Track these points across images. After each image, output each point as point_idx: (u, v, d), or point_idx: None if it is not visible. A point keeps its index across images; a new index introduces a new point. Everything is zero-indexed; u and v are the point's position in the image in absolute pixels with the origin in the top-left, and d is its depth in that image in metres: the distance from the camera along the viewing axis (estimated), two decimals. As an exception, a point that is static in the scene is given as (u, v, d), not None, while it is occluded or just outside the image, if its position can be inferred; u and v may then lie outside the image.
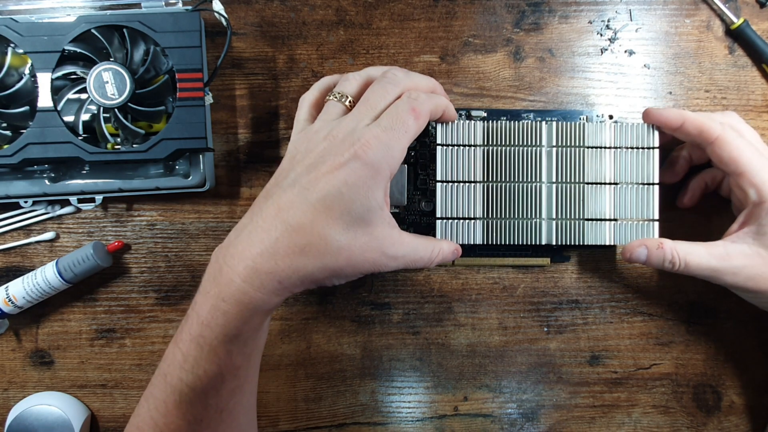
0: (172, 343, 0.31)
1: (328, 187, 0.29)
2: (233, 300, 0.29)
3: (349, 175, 0.29)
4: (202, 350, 0.30)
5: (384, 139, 0.30)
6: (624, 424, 0.42)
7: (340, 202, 0.29)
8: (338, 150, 0.30)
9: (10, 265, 0.42)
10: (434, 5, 0.41)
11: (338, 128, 0.31)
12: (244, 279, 0.29)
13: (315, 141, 0.31)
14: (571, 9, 0.41)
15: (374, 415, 0.42)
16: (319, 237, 0.29)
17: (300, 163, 0.31)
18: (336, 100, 0.33)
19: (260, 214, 0.30)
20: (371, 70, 0.35)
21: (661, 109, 0.36)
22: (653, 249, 0.35)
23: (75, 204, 0.40)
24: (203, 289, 0.31)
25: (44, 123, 0.37)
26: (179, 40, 0.37)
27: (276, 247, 0.29)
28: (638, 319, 0.41)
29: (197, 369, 0.30)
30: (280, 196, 0.30)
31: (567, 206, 0.38)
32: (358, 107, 0.32)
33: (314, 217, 0.29)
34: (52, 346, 0.42)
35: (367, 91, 0.33)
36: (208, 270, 0.31)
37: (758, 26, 0.40)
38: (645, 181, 0.37)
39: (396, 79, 0.33)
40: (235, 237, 0.31)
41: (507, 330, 0.42)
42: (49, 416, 0.40)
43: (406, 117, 0.31)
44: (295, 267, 0.29)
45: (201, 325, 0.30)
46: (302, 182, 0.30)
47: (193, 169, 0.40)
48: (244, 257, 0.29)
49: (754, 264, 0.34)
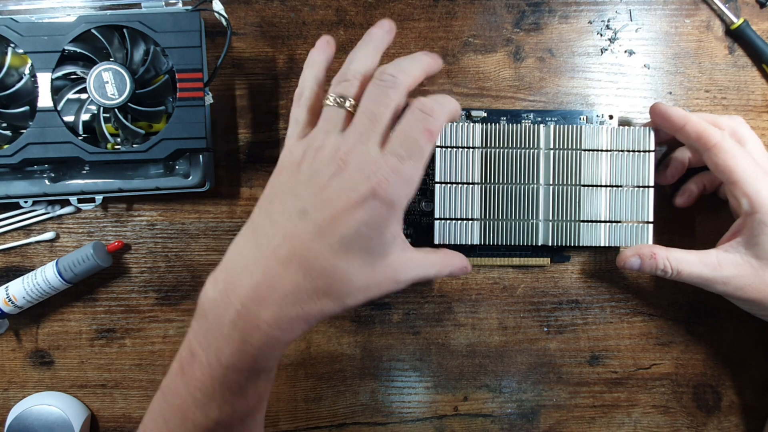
0: (177, 378, 0.30)
1: (346, 229, 0.28)
2: (260, 343, 0.28)
3: (367, 215, 0.28)
4: (229, 390, 0.29)
5: (401, 171, 0.28)
6: (624, 424, 0.42)
7: (359, 242, 0.28)
8: (353, 183, 0.28)
9: (10, 265, 0.42)
10: (434, 5, 0.41)
11: (346, 150, 0.29)
12: (271, 325, 0.28)
13: (320, 160, 0.29)
14: (571, 9, 0.41)
15: (374, 415, 0.42)
16: (340, 280, 0.28)
17: (306, 186, 0.29)
18: (337, 105, 0.31)
19: (272, 252, 0.28)
20: (362, 61, 0.32)
21: (669, 107, 0.36)
22: (646, 258, 0.36)
23: (75, 204, 0.40)
24: (216, 329, 0.29)
25: (44, 123, 0.37)
26: (179, 40, 0.37)
27: (299, 293, 0.28)
28: (638, 319, 0.41)
29: (225, 407, 0.29)
30: (291, 230, 0.28)
31: (563, 208, 0.38)
32: (360, 119, 0.30)
33: (334, 261, 0.28)
34: (52, 346, 0.42)
35: (366, 100, 0.30)
36: (215, 305, 0.29)
37: (758, 26, 0.40)
38: (640, 183, 0.38)
39: (394, 81, 0.30)
40: (244, 272, 0.29)
41: (507, 330, 0.42)
42: (49, 416, 0.40)
43: (422, 141, 0.29)
44: (319, 309, 0.29)
45: (224, 367, 0.28)
46: (316, 219, 0.28)
47: (193, 169, 0.40)
48: (267, 303, 0.28)
49: (744, 274, 0.34)
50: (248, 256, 0.29)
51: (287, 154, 0.31)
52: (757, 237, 0.34)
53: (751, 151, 0.35)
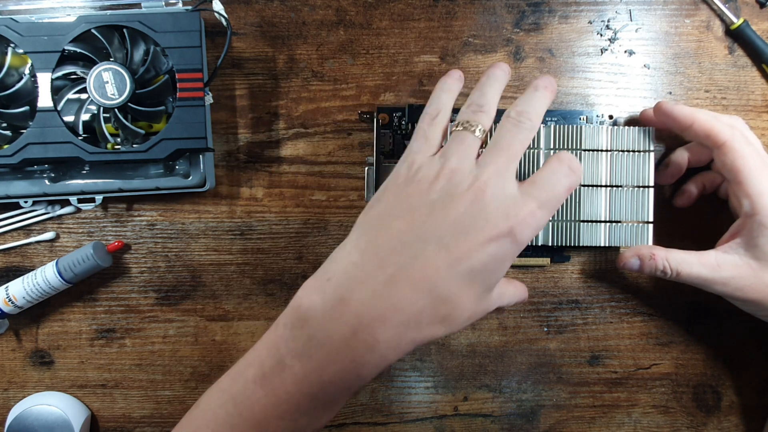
0: (257, 386, 0.28)
1: (476, 261, 0.28)
2: (371, 364, 0.27)
3: (498, 252, 0.28)
4: (323, 405, 0.28)
5: (539, 217, 0.29)
6: (624, 424, 0.42)
7: (483, 276, 0.28)
8: (492, 219, 0.28)
9: (10, 265, 0.42)
10: (434, 5, 0.41)
11: (485, 180, 0.29)
12: (387, 346, 0.27)
13: (456, 184, 0.29)
14: (571, 9, 0.41)
15: (374, 415, 0.42)
16: (460, 310, 0.28)
17: (440, 208, 0.29)
18: (472, 132, 0.31)
19: (401, 272, 0.28)
20: (494, 96, 0.32)
21: (674, 106, 0.36)
22: (645, 259, 0.36)
23: (75, 204, 0.40)
24: (322, 343, 0.27)
25: (44, 123, 0.37)
26: (179, 40, 0.37)
27: (420, 318, 0.28)
28: (638, 319, 0.41)
29: (313, 421, 0.28)
30: (423, 253, 0.28)
31: (563, 208, 0.38)
32: (498, 153, 0.30)
33: (459, 291, 0.28)
34: (52, 346, 0.42)
35: (504, 137, 0.30)
36: (322, 317, 0.28)
37: (758, 26, 0.40)
38: (640, 183, 0.38)
39: (531, 125, 0.31)
40: (363, 288, 0.28)
41: (507, 330, 0.42)
42: (49, 416, 0.40)
43: (562, 196, 0.30)
44: (431, 334, 0.28)
45: (324, 383, 0.27)
46: (450, 246, 0.28)
47: (193, 169, 0.40)
48: (388, 325, 0.27)
49: (743, 275, 0.34)
50: (368, 271, 0.28)
51: (412, 167, 0.31)
52: (757, 239, 0.34)
53: (758, 150, 0.35)
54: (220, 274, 0.42)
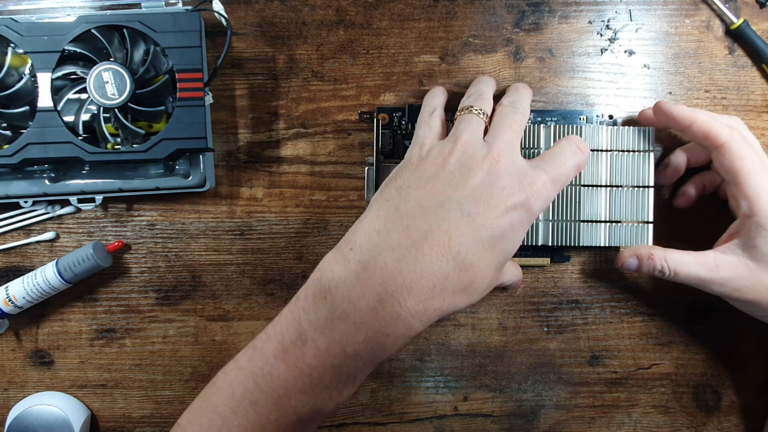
0: (278, 361, 0.27)
1: (497, 228, 0.29)
2: (397, 335, 0.27)
3: (515, 221, 0.29)
4: (345, 378, 0.28)
5: (550, 189, 0.31)
6: (624, 424, 0.42)
7: (502, 244, 0.29)
8: (509, 189, 0.29)
9: (10, 265, 0.42)
10: (434, 5, 0.41)
11: (497, 151, 0.30)
12: (413, 315, 0.27)
13: (471, 156, 0.30)
14: (571, 9, 0.41)
15: (374, 415, 0.42)
16: (481, 278, 0.29)
17: (458, 177, 0.30)
18: (476, 114, 0.33)
19: (425, 239, 0.28)
20: (490, 90, 0.35)
21: (673, 106, 0.36)
22: (644, 259, 0.36)
23: (75, 204, 0.40)
24: (346, 314, 0.27)
25: (44, 123, 0.37)
26: (179, 40, 0.37)
27: (445, 285, 0.28)
28: (638, 319, 0.41)
29: (334, 395, 0.28)
30: (445, 219, 0.28)
31: (563, 208, 0.38)
32: (504, 130, 0.32)
33: (482, 256, 0.28)
34: (52, 346, 0.42)
35: (506, 118, 0.33)
36: (346, 287, 0.27)
37: (758, 26, 0.40)
38: (640, 183, 0.38)
39: (525, 112, 0.34)
40: (388, 255, 0.28)
41: (507, 330, 0.42)
42: (49, 416, 0.40)
43: (572, 173, 0.32)
44: (454, 304, 0.29)
45: (347, 355, 0.27)
46: (471, 212, 0.28)
47: (193, 169, 0.40)
48: (415, 292, 0.27)
49: (741, 275, 0.34)
50: (393, 237, 0.28)
51: (423, 149, 0.32)
52: (754, 240, 0.34)
53: (756, 151, 0.35)
54: (220, 274, 0.42)
